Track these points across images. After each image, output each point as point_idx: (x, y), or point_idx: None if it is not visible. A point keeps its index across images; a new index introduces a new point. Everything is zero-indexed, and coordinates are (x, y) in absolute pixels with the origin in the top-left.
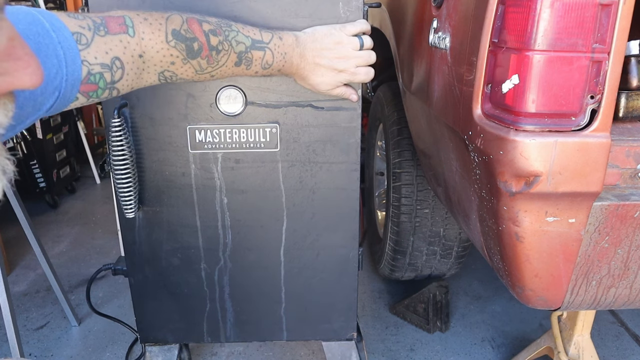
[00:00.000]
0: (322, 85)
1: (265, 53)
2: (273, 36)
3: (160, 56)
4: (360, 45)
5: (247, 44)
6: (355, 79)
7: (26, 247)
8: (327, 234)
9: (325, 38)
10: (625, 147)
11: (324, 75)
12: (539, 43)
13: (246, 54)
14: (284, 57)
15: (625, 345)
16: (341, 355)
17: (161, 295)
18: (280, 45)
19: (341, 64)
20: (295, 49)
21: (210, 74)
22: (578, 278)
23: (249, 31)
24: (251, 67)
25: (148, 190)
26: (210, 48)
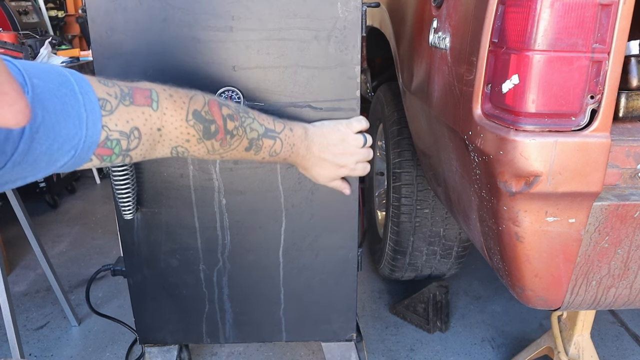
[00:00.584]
0: (322, 177)
1: (275, 142)
2: (285, 127)
3: (177, 132)
4: (363, 143)
5: (260, 131)
6: (353, 174)
7: (26, 247)
8: (326, 234)
9: (332, 134)
10: (625, 147)
11: (326, 169)
12: (539, 43)
13: (257, 141)
14: (291, 148)
15: (625, 345)
16: (341, 356)
17: (160, 296)
18: (290, 136)
19: (343, 159)
20: (304, 142)
21: (221, 155)
22: (578, 278)
23: (263, 120)
24: (260, 153)
25: (146, 191)
26: (225, 132)
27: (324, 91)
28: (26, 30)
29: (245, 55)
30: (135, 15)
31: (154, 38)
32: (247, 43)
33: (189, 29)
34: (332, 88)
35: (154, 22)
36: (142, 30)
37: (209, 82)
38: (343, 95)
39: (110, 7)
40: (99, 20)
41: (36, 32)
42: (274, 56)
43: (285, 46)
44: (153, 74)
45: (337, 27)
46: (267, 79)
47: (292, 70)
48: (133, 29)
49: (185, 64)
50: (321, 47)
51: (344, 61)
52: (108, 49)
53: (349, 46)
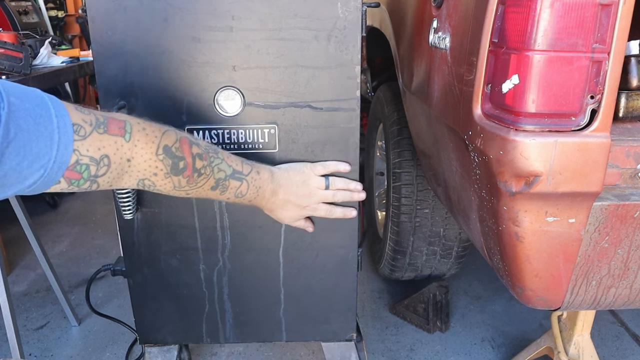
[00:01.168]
0: (287, 218)
1: (241, 184)
2: (252, 169)
3: (146, 165)
4: (325, 186)
5: (227, 172)
6: (316, 214)
7: (26, 247)
8: (326, 234)
9: (297, 176)
10: (625, 147)
11: (290, 210)
12: (539, 43)
13: (224, 182)
14: (257, 191)
15: (625, 345)
16: (341, 356)
17: (160, 296)
18: (257, 179)
19: (305, 201)
20: (269, 185)
21: (186, 192)
22: (578, 278)
23: (232, 161)
24: (225, 193)
25: (146, 191)
26: (194, 170)
27: (324, 91)
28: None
29: (246, 55)
30: (135, 15)
31: (155, 38)
32: (247, 43)
33: (189, 29)
34: (332, 88)
35: (154, 22)
36: (143, 30)
37: (209, 82)
38: (343, 95)
39: (110, 7)
40: (99, 20)
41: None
42: (274, 56)
43: (285, 46)
44: (153, 73)
45: (337, 27)
46: (267, 79)
47: (292, 70)
48: (133, 29)
49: (186, 63)
50: (321, 47)
51: (344, 61)
52: (108, 49)
53: (349, 46)
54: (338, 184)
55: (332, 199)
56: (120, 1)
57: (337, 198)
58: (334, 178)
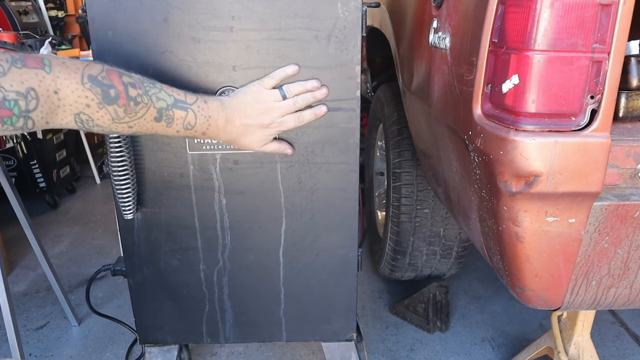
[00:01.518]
0: (255, 143)
1: (187, 113)
2: (198, 99)
3: (75, 96)
4: (282, 96)
5: (168, 101)
6: (284, 128)
7: (26, 247)
8: (327, 234)
9: (247, 97)
10: (625, 147)
11: (253, 133)
12: (539, 43)
13: (167, 111)
14: (207, 120)
15: (625, 345)
16: (341, 356)
17: (160, 296)
18: (205, 108)
19: (266, 118)
20: (221, 113)
21: (128, 124)
22: (578, 278)
23: (172, 91)
24: (172, 125)
25: (146, 191)
26: (128, 98)
27: None
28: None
29: (246, 55)
30: (135, 15)
31: (155, 38)
32: (248, 43)
33: (189, 29)
34: (332, 88)
35: (154, 22)
36: (143, 30)
37: (209, 82)
38: (343, 95)
39: (110, 7)
40: (99, 20)
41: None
42: (274, 56)
43: (285, 46)
44: (153, 73)
45: (338, 27)
46: None
47: None
48: (133, 29)
49: (186, 63)
50: (321, 47)
51: (344, 61)
52: (108, 49)
53: (349, 46)
54: (294, 90)
55: (294, 106)
56: (120, 1)
57: (299, 104)
58: (288, 85)
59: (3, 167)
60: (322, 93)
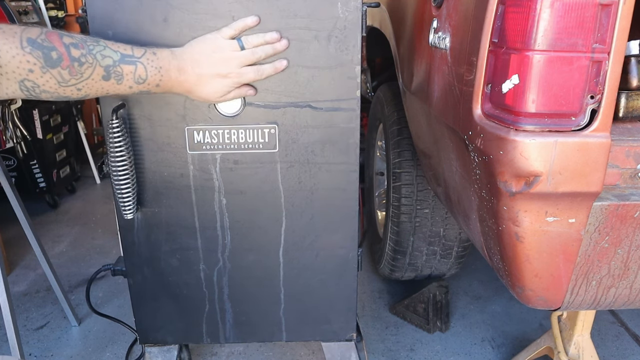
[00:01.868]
0: (213, 94)
1: (137, 67)
2: (146, 51)
3: (16, 62)
4: (240, 47)
5: (115, 57)
6: (243, 79)
7: (26, 247)
8: (327, 234)
9: (202, 45)
10: (625, 147)
11: (209, 83)
12: (539, 43)
13: (114, 68)
14: (159, 71)
15: (625, 345)
16: (341, 356)
17: (160, 296)
18: (154, 59)
19: (224, 68)
20: (172, 62)
21: (76, 87)
22: (578, 278)
23: (118, 47)
24: (122, 81)
25: (147, 191)
26: (71, 59)
27: (324, 91)
28: None
29: None
30: (135, 16)
31: (155, 38)
32: None
33: (189, 29)
34: (332, 88)
35: (154, 22)
36: (143, 31)
37: None
38: (343, 95)
39: (110, 7)
40: (99, 20)
41: None
42: (274, 56)
43: None
44: None
45: (338, 27)
46: (267, 79)
47: (292, 70)
48: (133, 29)
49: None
50: (321, 47)
51: (344, 61)
52: None
53: (349, 46)
54: (253, 41)
55: (253, 57)
56: (120, 1)
57: (257, 55)
58: (247, 36)
59: (3, 167)
60: (282, 45)
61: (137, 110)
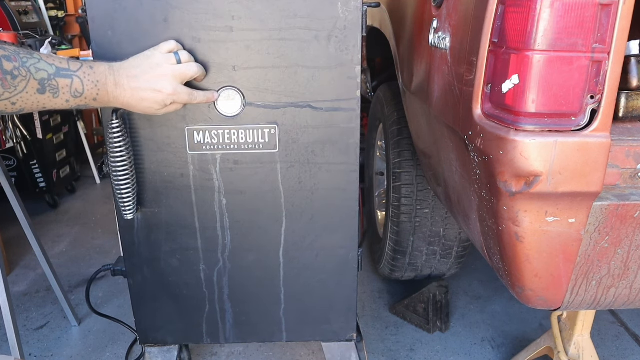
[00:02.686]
0: (150, 109)
1: (73, 81)
2: (83, 65)
3: None
4: (177, 61)
5: (49, 71)
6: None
7: (26, 247)
8: (327, 234)
9: (140, 61)
10: (625, 147)
11: (145, 99)
12: (539, 43)
13: (50, 81)
14: (96, 86)
15: (625, 345)
16: (341, 356)
17: (160, 297)
18: (91, 73)
19: (158, 84)
20: (109, 77)
21: (10, 100)
22: (578, 278)
23: (54, 60)
24: (59, 95)
25: (147, 191)
26: (3, 72)
27: (325, 91)
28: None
29: (246, 55)
30: (135, 15)
31: (155, 38)
32: (248, 43)
33: (189, 29)
34: (332, 88)
35: (154, 22)
36: (143, 30)
37: (209, 82)
38: (343, 95)
39: (110, 7)
40: (100, 20)
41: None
42: (274, 56)
43: (285, 46)
44: None
45: (338, 27)
46: (267, 79)
47: (292, 70)
48: (133, 29)
49: None
50: (321, 47)
51: (345, 61)
52: (108, 49)
53: (349, 46)
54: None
55: (190, 73)
56: (121, 1)
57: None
58: (183, 52)
59: (3, 167)
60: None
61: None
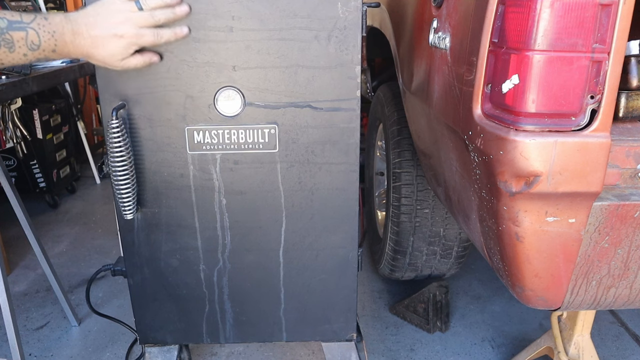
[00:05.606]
0: (110, 57)
1: (27, 33)
2: (36, 17)
3: None
4: (138, 8)
5: (1, 25)
6: (141, 41)
7: (26, 247)
8: (327, 234)
9: (97, 8)
10: (625, 147)
11: (107, 45)
12: (539, 43)
13: (3, 35)
14: (52, 36)
15: (625, 345)
16: (341, 356)
17: (160, 296)
18: (46, 24)
19: (120, 29)
20: (65, 26)
21: None
22: (578, 278)
23: (5, 14)
24: (14, 49)
25: (147, 191)
26: None
27: (325, 91)
28: None
29: (246, 55)
30: None
31: None
32: (248, 43)
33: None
34: (332, 88)
35: None
36: None
37: (209, 82)
38: (343, 95)
39: None
40: None
41: None
42: (274, 56)
43: (285, 46)
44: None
45: (338, 27)
46: (267, 79)
47: (292, 70)
48: None
49: (186, 63)
50: (321, 47)
51: (345, 61)
52: None
53: (349, 46)
54: (151, 3)
55: (152, 20)
56: None
57: (157, 18)
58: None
59: (3, 167)
60: (182, 10)
61: (137, 110)
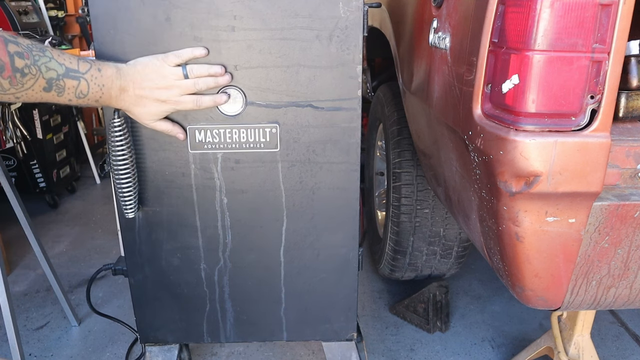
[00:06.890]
0: (145, 116)
1: (79, 83)
2: (91, 67)
3: None
4: (184, 75)
5: (59, 71)
6: (180, 107)
7: (26, 247)
8: (327, 234)
9: (147, 69)
10: (625, 147)
11: (146, 106)
12: (539, 43)
13: (57, 81)
14: (101, 89)
15: (625, 345)
16: (341, 355)
17: (161, 296)
18: (98, 76)
19: (163, 94)
20: (115, 82)
21: (15, 95)
22: (578, 278)
23: (64, 59)
24: (63, 94)
25: (148, 190)
26: (14, 70)
27: (326, 91)
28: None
29: (247, 54)
30: (137, 15)
31: (157, 37)
32: (249, 42)
33: (191, 29)
34: (333, 87)
35: (156, 21)
36: (145, 30)
37: None
38: (344, 94)
39: (112, 6)
40: (102, 19)
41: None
42: (275, 56)
43: (287, 46)
44: None
45: (339, 26)
46: (268, 79)
47: (293, 70)
48: (135, 28)
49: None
50: (323, 46)
51: (346, 61)
52: (110, 48)
53: (350, 46)
54: (197, 71)
55: (194, 88)
56: (123, 0)
57: (199, 87)
58: (192, 65)
59: (3, 167)
60: (225, 79)
61: None
